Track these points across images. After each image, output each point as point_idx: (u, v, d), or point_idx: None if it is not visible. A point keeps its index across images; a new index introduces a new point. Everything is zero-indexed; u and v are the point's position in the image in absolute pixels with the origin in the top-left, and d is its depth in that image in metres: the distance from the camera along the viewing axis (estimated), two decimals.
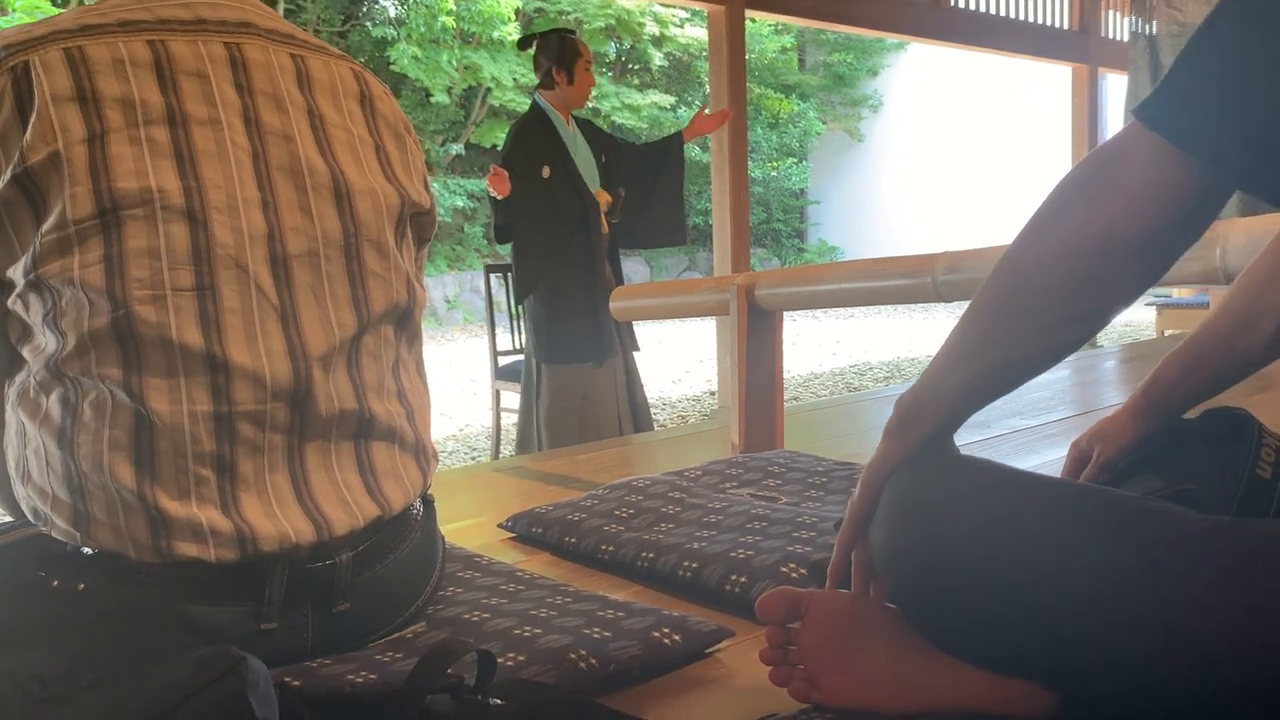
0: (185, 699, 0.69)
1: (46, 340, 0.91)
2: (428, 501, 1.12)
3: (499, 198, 3.54)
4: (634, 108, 12.16)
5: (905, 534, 0.85)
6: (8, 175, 0.89)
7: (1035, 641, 0.78)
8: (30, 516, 0.95)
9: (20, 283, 0.91)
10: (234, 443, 0.93)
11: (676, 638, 1.04)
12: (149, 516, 0.90)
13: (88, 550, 0.91)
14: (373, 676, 0.94)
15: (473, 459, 4.91)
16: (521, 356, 4.19)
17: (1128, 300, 0.79)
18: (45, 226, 0.89)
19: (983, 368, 0.83)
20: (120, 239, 0.89)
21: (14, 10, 7.37)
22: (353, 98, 1.06)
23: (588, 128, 3.83)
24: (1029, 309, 0.79)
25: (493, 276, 4.45)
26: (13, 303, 0.93)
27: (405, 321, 1.07)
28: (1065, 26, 6.89)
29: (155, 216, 0.90)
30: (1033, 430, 2.28)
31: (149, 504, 0.89)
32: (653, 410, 5.99)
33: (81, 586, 0.90)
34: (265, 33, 1.02)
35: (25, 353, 0.94)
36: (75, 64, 0.91)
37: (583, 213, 3.65)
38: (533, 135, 3.65)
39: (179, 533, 0.90)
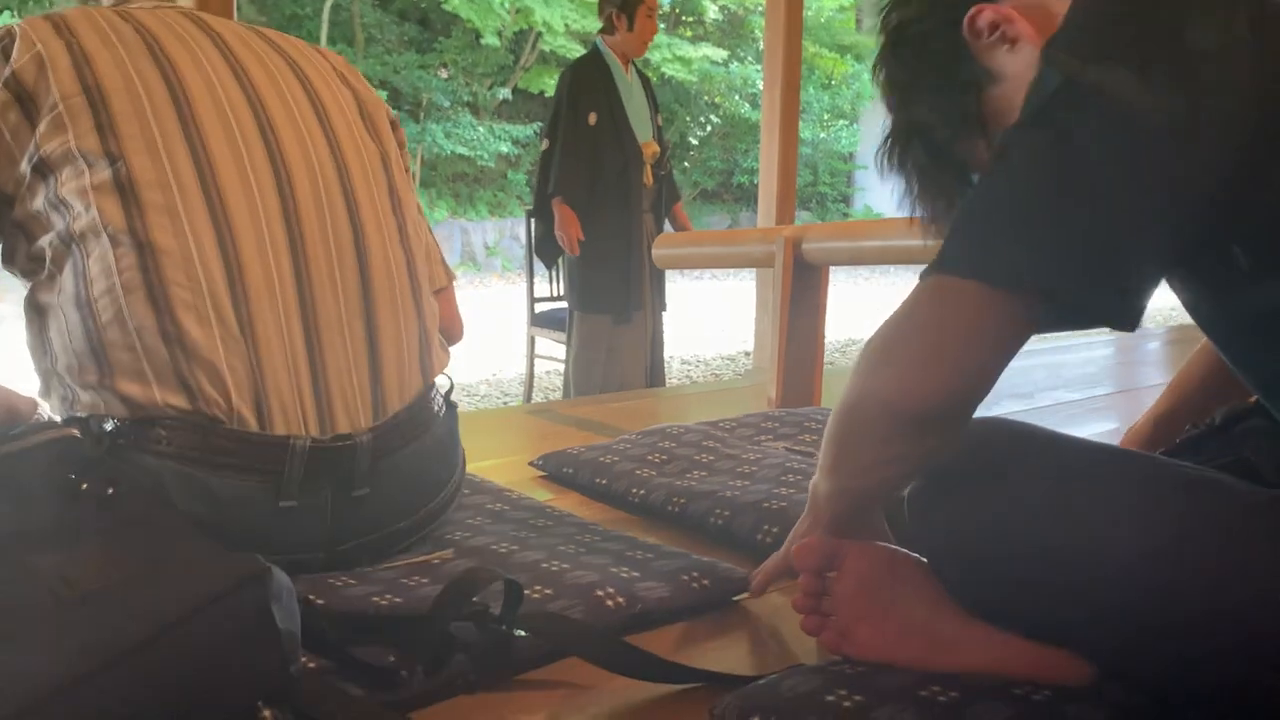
0: (208, 604, 0.68)
1: (54, 218, 0.96)
2: (450, 404, 1.13)
3: (566, 249, 3.57)
4: (685, 60, 12.00)
5: (941, 502, 0.83)
6: None
7: (1074, 610, 0.76)
8: (60, 408, 0.96)
9: (27, 173, 0.96)
10: (242, 270, 0.95)
11: (705, 582, 1.03)
12: (171, 346, 0.92)
13: (112, 421, 0.92)
14: (398, 600, 0.94)
15: (504, 403, 4.92)
16: (558, 304, 4.18)
17: (936, 448, 0.79)
18: (39, 121, 0.95)
19: (838, 486, 0.88)
20: (106, 106, 0.95)
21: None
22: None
23: (647, 82, 3.79)
24: (854, 451, 0.84)
25: (533, 222, 4.42)
26: (19, 207, 0.97)
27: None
28: None
29: (137, 90, 0.97)
30: (1077, 404, 2.24)
31: (170, 334, 0.92)
32: (686, 366, 5.97)
33: (110, 491, 0.89)
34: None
35: (42, 244, 0.97)
36: (55, 19, 1.02)
37: (624, 163, 3.61)
38: (585, 80, 3.61)
39: (202, 365, 0.93)
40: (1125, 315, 0.72)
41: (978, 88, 0.85)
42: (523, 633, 0.85)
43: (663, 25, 12.55)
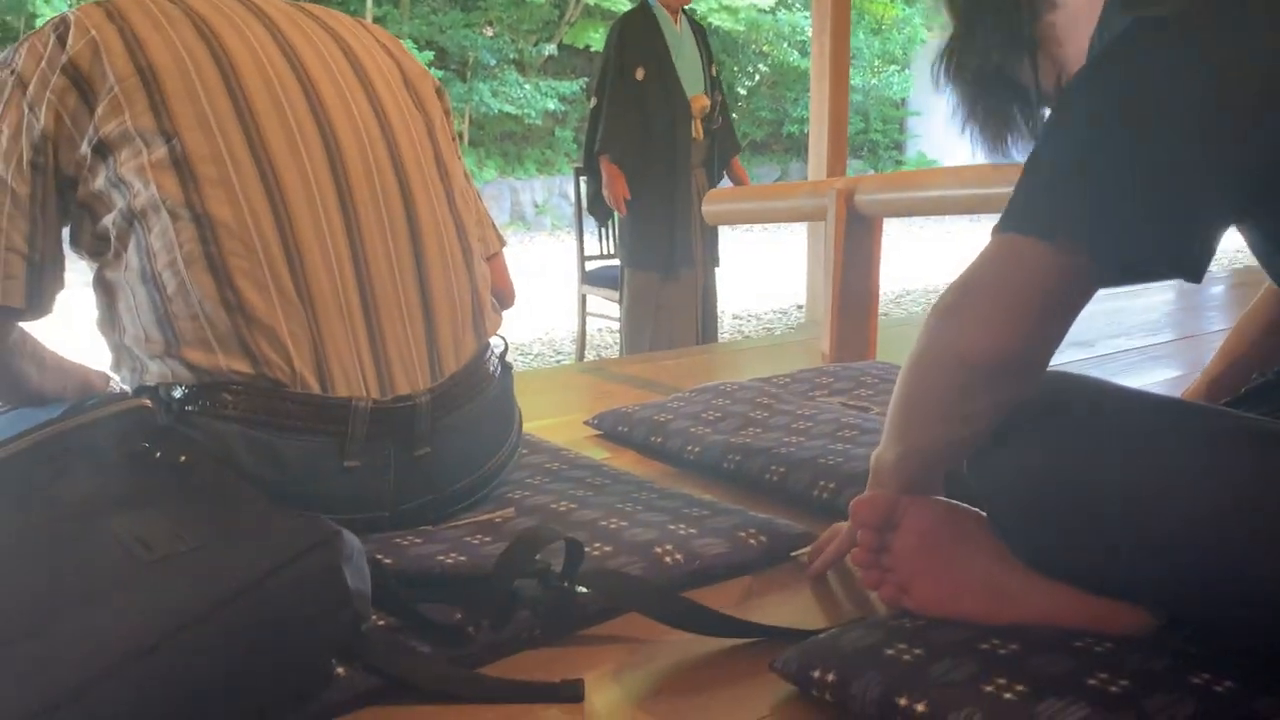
0: (281, 566, 0.70)
1: (115, 197, 0.98)
2: (506, 365, 1.15)
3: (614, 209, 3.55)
4: (731, 9, 11.83)
5: (1004, 455, 0.83)
6: (56, 74, 0.98)
7: (1138, 562, 0.76)
8: (131, 379, 1.00)
9: (88, 154, 0.98)
10: (297, 238, 0.98)
11: (762, 538, 1.04)
12: (232, 314, 0.95)
13: (180, 389, 0.95)
14: (462, 558, 0.96)
15: (557, 362, 4.95)
16: (608, 261, 4.18)
17: (1005, 404, 0.81)
18: (97, 104, 0.97)
19: (905, 449, 0.88)
20: (160, 86, 0.98)
21: None
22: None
23: (700, 32, 3.74)
24: (923, 411, 0.85)
25: (582, 180, 4.41)
26: (82, 188, 1.00)
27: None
28: None
29: (188, 69, 0.99)
30: (1139, 350, 2.20)
31: (230, 302, 0.95)
32: (738, 320, 5.96)
33: (182, 458, 0.92)
34: None
35: (106, 223, 1.00)
36: (107, 6, 1.03)
37: (670, 118, 3.58)
38: (632, 34, 3.58)
39: (263, 330, 0.96)
40: (1192, 269, 0.72)
41: (1034, 12, 0.85)
42: (584, 589, 0.87)
43: None
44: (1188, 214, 0.71)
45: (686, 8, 3.70)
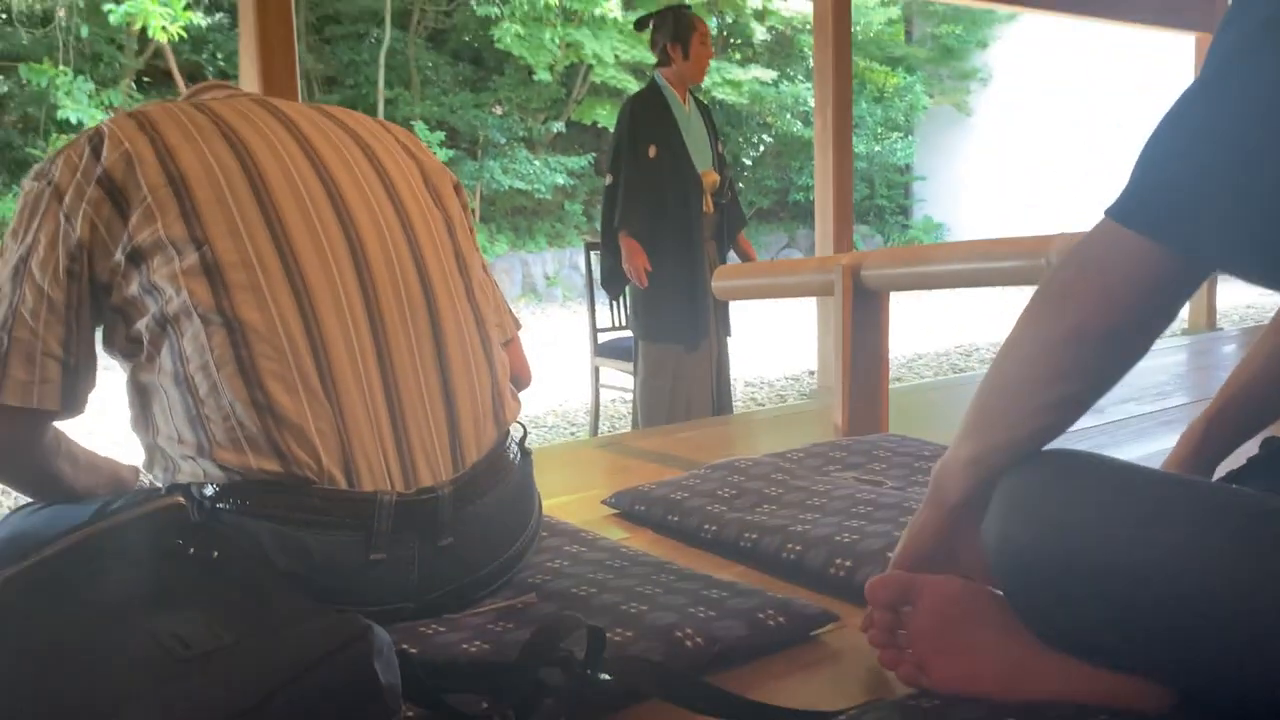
0: (317, 663, 0.72)
1: (148, 302, 1.02)
2: (525, 451, 1.18)
3: (635, 281, 3.63)
4: (735, 83, 12.05)
5: (1018, 531, 0.84)
6: (92, 186, 1.03)
7: (1153, 639, 0.77)
8: (163, 477, 1.02)
9: (122, 262, 1.03)
10: (324, 338, 1.02)
11: (781, 619, 1.05)
12: (262, 415, 0.98)
13: (211, 488, 0.98)
14: (486, 646, 0.98)
15: (572, 434, 4.97)
16: (620, 334, 4.22)
17: (1107, 385, 0.84)
18: (131, 213, 1.02)
19: (983, 446, 0.89)
20: (190, 194, 1.02)
21: None
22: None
23: (706, 111, 3.83)
24: (1016, 396, 0.86)
25: (593, 253, 4.48)
26: (116, 294, 1.04)
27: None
28: None
29: (217, 177, 1.04)
30: (1149, 416, 2.21)
31: (261, 404, 0.98)
32: (750, 389, 5.98)
33: (216, 555, 0.95)
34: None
35: (139, 327, 1.03)
36: (139, 117, 1.09)
37: (684, 193, 3.65)
38: (643, 114, 3.67)
39: (292, 430, 0.99)
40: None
41: None
42: (607, 676, 0.89)
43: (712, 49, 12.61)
44: None
45: (692, 87, 3.79)
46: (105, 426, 1.31)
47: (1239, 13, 0.74)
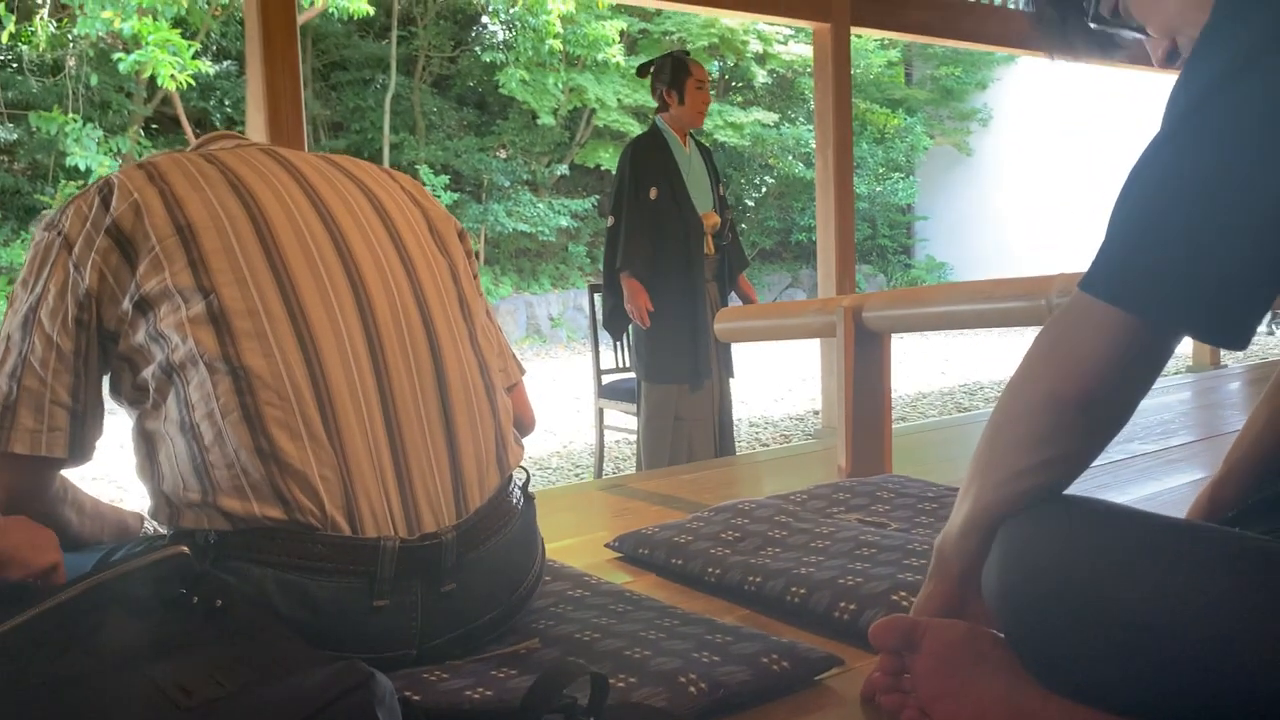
0: (319, 711, 0.72)
1: (154, 350, 1.03)
2: (528, 496, 1.18)
3: (637, 321, 3.67)
4: (737, 126, 12.17)
5: (1019, 579, 0.84)
6: (101, 236, 1.04)
7: (1156, 686, 0.77)
8: (168, 524, 1.03)
9: (130, 310, 1.04)
10: (328, 385, 1.02)
11: (785, 664, 1.05)
12: (266, 462, 0.98)
13: (215, 535, 0.99)
14: (489, 693, 0.97)
15: (577, 476, 4.96)
16: (624, 375, 4.24)
17: (1090, 451, 0.86)
18: (139, 263, 1.04)
19: (975, 509, 0.90)
20: (198, 244, 1.04)
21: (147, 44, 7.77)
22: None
23: (707, 153, 3.88)
24: (1003, 457, 0.88)
25: (596, 295, 4.50)
26: (123, 342, 1.05)
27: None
28: None
29: (224, 226, 1.05)
30: (1153, 455, 2.21)
31: (265, 451, 0.99)
32: (754, 429, 5.98)
33: (219, 603, 0.95)
34: None
35: (145, 375, 1.04)
36: (148, 168, 1.11)
37: (685, 235, 3.68)
38: (644, 158, 3.71)
39: (295, 478, 0.99)
40: (1242, 343, 0.76)
41: None
42: None
43: (713, 93, 12.76)
44: (1252, 293, 0.74)
45: (693, 130, 3.83)
46: (106, 469, 1.31)
47: (1192, 72, 0.77)
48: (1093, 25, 0.93)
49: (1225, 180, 0.73)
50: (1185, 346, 5.48)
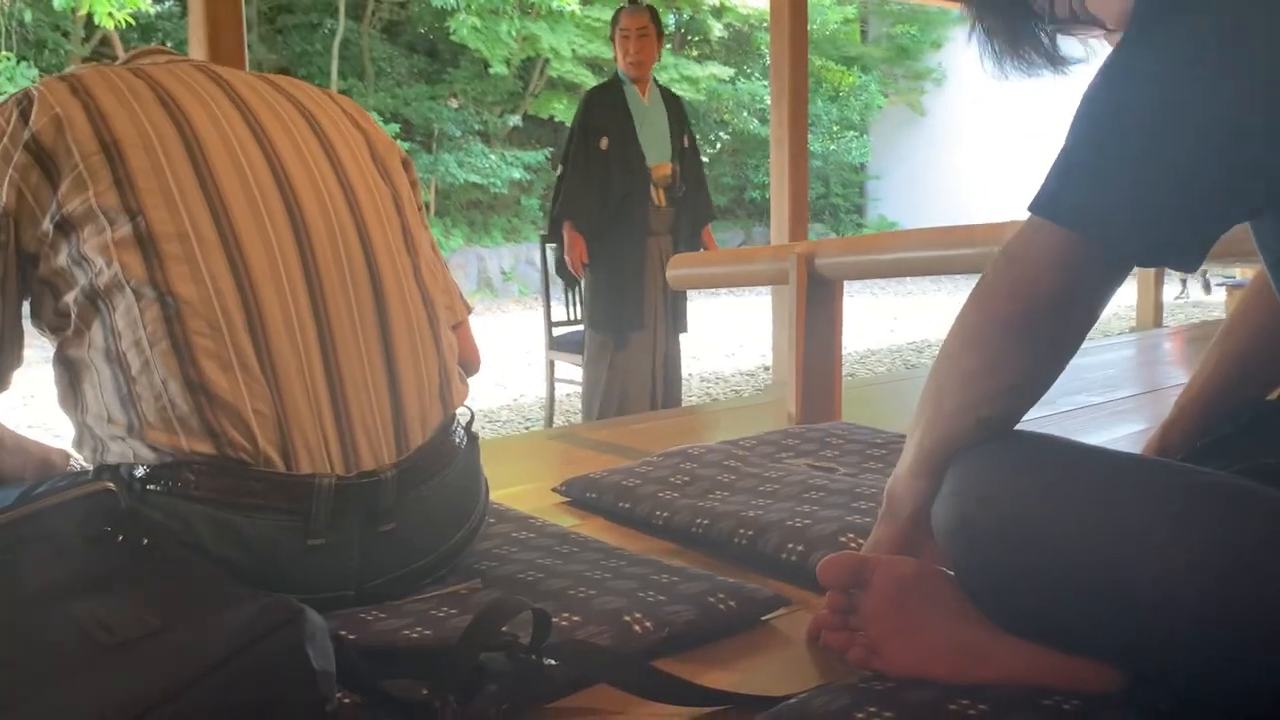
0: (244, 647, 0.69)
1: (78, 274, 0.98)
2: (472, 436, 1.15)
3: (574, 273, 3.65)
4: (692, 79, 12.05)
5: (970, 513, 0.84)
6: (19, 151, 0.98)
7: (1105, 621, 0.76)
8: (91, 457, 0.98)
9: (50, 231, 0.98)
10: (262, 314, 0.98)
11: (732, 603, 1.03)
12: (195, 395, 0.94)
13: (143, 469, 0.94)
14: (428, 632, 0.95)
15: (526, 428, 4.94)
16: (576, 328, 4.22)
17: (1039, 378, 0.85)
18: (61, 181, 0.98)
19: (927, 447, 0.89)
20: (124, 162, 0.98)
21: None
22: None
23: (675, 103, 3.82)
24: (953, 392, 0.87)
25: (549, 248, 4.45)
26: (43, 265, 1.00)
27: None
28: None
29: (153, 144, 0.99)
30: (1099, 407, 2.23)
31: (194, 383, 0.94)
32: (705, 384, 5.98)
33: (144, 541, 0.91)
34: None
35: (68, 300, 0.99)
36: (71, 80, 1.04)
37: (630, 186, 3.65)
38: (598, 105, 3.69)
39: (226, 411, 0.95)
40: (1193, 265, 0.76)
41: None
42: (552, 661, 0.86)
43: (669, 46, 12.63)
44: (1198, 216, 0.74)
45: (660, 80, 3.80)
46: (43, 417, 1.26)
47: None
48: (1050, 28, 0.91)
49: (1174, 103, 0.73)
50: (1129, 306, 5.57)
